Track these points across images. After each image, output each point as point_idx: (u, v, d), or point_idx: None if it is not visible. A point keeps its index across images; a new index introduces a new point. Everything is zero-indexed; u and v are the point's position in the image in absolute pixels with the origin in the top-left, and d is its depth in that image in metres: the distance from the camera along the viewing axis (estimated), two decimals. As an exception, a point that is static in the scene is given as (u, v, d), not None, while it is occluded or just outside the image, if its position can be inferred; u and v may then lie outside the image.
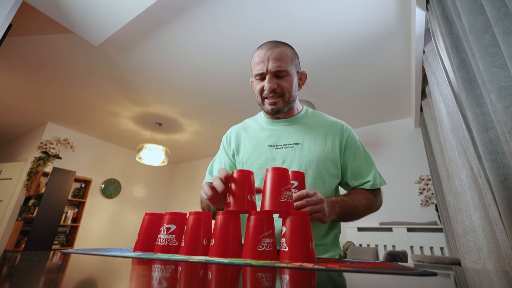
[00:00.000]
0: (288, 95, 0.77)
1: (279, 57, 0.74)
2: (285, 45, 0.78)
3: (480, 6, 0.89)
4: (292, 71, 0.77)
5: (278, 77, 0.75)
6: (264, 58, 0.75)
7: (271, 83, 0.74)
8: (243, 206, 0.52)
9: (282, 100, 0.77)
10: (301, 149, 0.78)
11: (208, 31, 2.19)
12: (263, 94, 0.77)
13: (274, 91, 0.76)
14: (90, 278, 0.34)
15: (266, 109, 0.80)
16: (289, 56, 0.77)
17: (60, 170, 3.55)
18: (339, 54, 2.40)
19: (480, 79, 0.92)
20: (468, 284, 0.37)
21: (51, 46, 2.45)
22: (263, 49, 0.76)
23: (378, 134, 3.64)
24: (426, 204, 3.01)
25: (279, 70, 0.74)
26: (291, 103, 0.80)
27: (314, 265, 0.40)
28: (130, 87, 3.06)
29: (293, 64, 0.78)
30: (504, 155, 0.87)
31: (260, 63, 0.75)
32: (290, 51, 0.78)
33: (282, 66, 0.74)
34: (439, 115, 1.69)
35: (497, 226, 1.02)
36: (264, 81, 0.76)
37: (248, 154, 0.82)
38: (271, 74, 0.74)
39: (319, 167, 0.75)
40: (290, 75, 0.77)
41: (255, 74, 0.78)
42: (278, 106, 0.77)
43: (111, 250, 0.62)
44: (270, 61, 0.74)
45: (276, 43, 0.77)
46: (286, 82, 0.76)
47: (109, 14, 1.92)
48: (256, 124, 0.90)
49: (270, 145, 0.81)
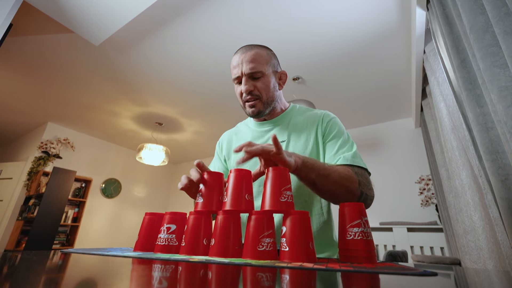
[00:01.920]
0: (266, 96, 0.78)
1: (253, 59, 0.75)
2: (259, 47, 0.79)
3: (480, 6, 0.89)
4: (268, 71, 0.78)
5: (253, 79, 0.76)
6: (238, 62, 0.76)
7: (247, 85, 0.75)
8: (241, 205, 0.53)
9: (260, 101, 0.78)
10: (286, 146, 0.78)
11: (209, 31, 2.19)
12: (243, 98, 0.78)
13: (251, 93, 0.76)
14: (91, 278, 0.34)
15: (248, 112, 0.80)
16: (264, 57, 0.78)
17: (60, 170, 3.56)
18: (340, 54, 2.40)
19: (481, 79, 0.92)
20: (469, 284, 0.37)
21: (52, 46, 2.45)
22: (238, 54, 0.78)
23: (379, 134, 3.64)
24: (426, 204, 3.01)
25: (254, 72, 0.75)
26: (271, 103, 0.80)
27: (314, 265, 0.40)
28: (131, 87, 3.06)
29: (269, 65, 0.78)
30: (504, 155, 0.87)
31: (236, 67, 0.77)
32: (266, 52, 0.79)
33: (256, 68, 0.75)
34: (440, 115, 1.69)
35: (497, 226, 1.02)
36: (241, 85, 0.77)
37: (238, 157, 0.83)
38: (246, 76, 0.75)
39: None
40: (266, 76, 0.77)
41: (232, 78, 0.79)
42: (258, 108, 0.78)
43: (112, 250, 0.62)
44: (244, 63, 0.75)
45: (250, 47, 0.78)
46: (262, 83, 0.76)
47: (109, 14, 1.92)
48: (246, 127, 0.92)
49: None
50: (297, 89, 2.91)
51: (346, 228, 0.50)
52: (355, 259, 0.47)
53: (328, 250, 0.74)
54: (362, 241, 0.48)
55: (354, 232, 0.49)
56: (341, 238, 0.51)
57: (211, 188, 0.57)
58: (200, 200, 0.56)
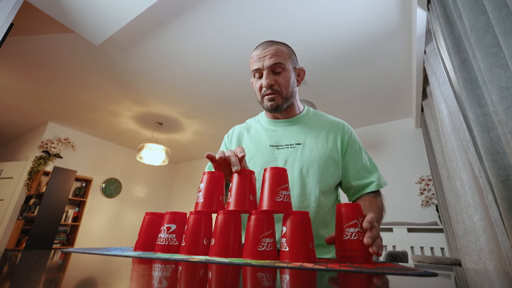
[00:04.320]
0: (285, 90, 0.78)
1: (275, 53, 0.76)
2: (281, 44, 0.80)
3: (481, 6, 0.89)
4: (289, 66, 0.79)
5: (274, 73, 0.77)
6: (260, 56, 0.77)
7: (268, 79, 0.76)
8: (244, 206, 0.53)
9: (279, 96, 0.78)
10: (302, 149, 0.78)
11: (210, 31, 2.19)
12: (262, 92, 0.79)
13: (271, 87, 0.77)
14: (91, 277, 0.34)
15: (266, 106, 0.81)
16: (286, 52, 0.79)
17: (60, 170, 3.56)
18: (340, 54, 2.40)
19: (481, 80, 0.92)
20: (469, 284, 0.37)
21: (52, 46, 2.45)
22: (259, 48, 0.79)
23: (379, 134, 3.64)
24: (426, 205, 3.01)
25: (275, 64, 0.76)
26: (289, 99, 0.81)
27: (315, 265, 0.40)
28: (131, 86, 3.06)
29: (289, 60, 0.79)
30: (505, 155, 0.87)
31: (257, 61, 0.78)
32: (286, 49, 0.80)
33: (278, 62, 0.76)
34: (440, 116, 1.69)
35: (498, 226, 1.02)
36: (261, 79, 0.78)
37: (250, 155, 0.82)
38: (268, 69, 0.76)
39: (320, 167, 0.75)
40: (286, 71, 0.78)
41: (252, 70, 0.80)
42: (277, 102, 0.79)
43: (112, 250, 0.62)
44: (266, 57, 0.76)
45: (272, 42, 0.79)
46: (283, 78, 0.77)
47: (110, 13, 1.92)
48: (257, 124, 0.91)
49: (272, 145, 0.81)
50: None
51: (342, 228, 0.50)
52: (352, 259, 0.47)
53: (332, 251, 0.74)
54: (359, 241, 0.48)
55: (351, 233, 0.49)
56: (338, 238, 0.50)
57: (212, 188, 0.57)
58: (200, 200, 0.56)
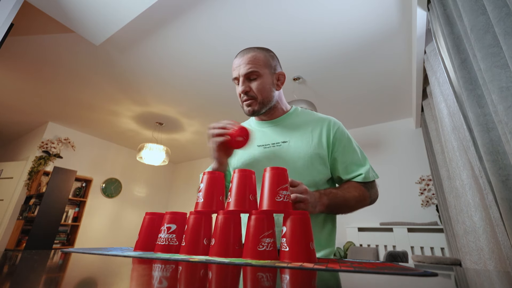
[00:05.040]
0: (261, 96, 0.81)
1: (250, 61, 0.79)
2: (258, 50, 0.83)
3: (481, 6, 0.89)
4: (264, 72, 0.81)
5: (250, 80, 0.80)
6: (237, 65, 0.81)
7: (243, 85, 0.80)
8: (244, 206, 0.53)
9: (256, 101, 0.81)
10: (288, 147, 0.80)
11: (210, 31, 2.19)
12: (241, 98, 0.83)
13: (247, 93, 0.80)
14: (91, 277, 0.34)
15: (245, 111, 0.84)
16: (261, 59, 0.81)
17: (61, 170, 3.56)
18: (340, 54, 2.40)
19: (481, 80, 0.92)
20: (469, 284, 0.37)
21: (52, 46, 2.45)
22: (237, 57, 0.83)
23: (379, 134, 3.63)
24: (426, 205, 3.01)
25: (250, 72, 0.79)
26: (267, 104, 0.83)
27: (315, 265, 0.40)
28: (131, 86, 3.07)
29: (266, 67, 0.82)
30: (505, 155, 0.87)
31: (235, 69, 0.82)
32: (263, 55, 0.82)
33: (252, 69, 0.79)
34: (440, 116, 1.69)
35: (498, 226, 1.02)
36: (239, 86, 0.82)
37: (240, 156, 0.86)
38: (244, 77, 0.80)
39: (306, 164, 0.76)
40: (262, 77, 0.80)
41: (232, 79, 0.84)
42: (253, 107, 0.81)
43: (112, 250, 0.62)
44: (242, 66, 0.80)
45: (248, 49, 0.83)
46: (258, 84, 0.80)
47: (110, 13, 1.92)
48: (248, 127, 0.94)
49: (259, 145, 0.85)
50: (298, 89, 2.91)
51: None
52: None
53: (326, 247, 0.75)
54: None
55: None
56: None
57: (212, 188, 0.57)
58: (200, 200, 0.56)
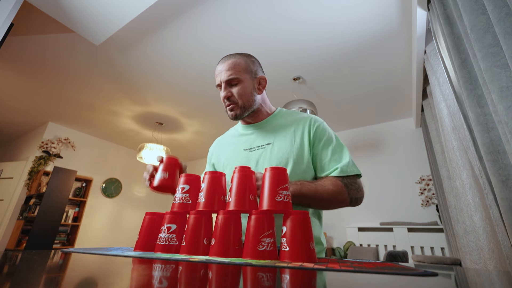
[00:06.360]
0: (242, 101, 0.83)
1: (230, 68, 0.82)
2: (238, 56, 0.85)
3: (481, 6, 0.89)
4: (244, 78, 0.83)
5: (231, 86, 0.82)
6: (219, 71, 0.84)
7: (225, 91, 0.82)
8: (244, 206, 0.53)
9: (237, 106, 0.83)
10: (271, 148, 0.82)
11: (210, 31, 2.19)
12: (224, 103, 0.85)
13: (228, 99, 0.83)
14: (91, 277, 0.34)
15: (228, 116, 0.87)
16: (241, 65, 0.83)
17: (61, 170, 3.56)
18: (340, 54, 2.40)
19: (482, 79, 0.92)
20: (469, 284, 0.37)
21: (52, 46, 2.45)
22: (219, 63, 0.85)
23: (379, 134, 3.63)
24: (426, 204, 3.01)
25: (230, 79, 0.81)
26: (248, 108, 0.85)
27: (315, 265, 0.40)
28: (131, 86, 3.06)
29: (246, 72, 0.84)
30: (505, 155, 0.87)
31: (217, 76, 0.84)
32: (244, 60, 0.84)
33: (233, 75, 0.81)
34: (440, 115, 1.69)
35: (498, 226, 1.02)
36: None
37: (228, 160, 0.89)
38: (225, 83, 0.82)
39: (290, 164, 0.77)
40: (242, 82, 0.82)
41: (216, 85, 0.86)
42: (236, 112, 0.84)
43: (112, 250, 0.62)
44: (223, 72, 0.82)
45: (229, 56, 0.85)
46: (239, 89, 0.82)
47: (110, 13, 1.92)
48: (235, 131, 0.98)
49: (245, 149, 0.87)
50: (297, 89, 2.91)
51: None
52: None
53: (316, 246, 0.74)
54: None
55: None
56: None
57: (213, 187, 0.57)
58: (201, 200, 0.56)
